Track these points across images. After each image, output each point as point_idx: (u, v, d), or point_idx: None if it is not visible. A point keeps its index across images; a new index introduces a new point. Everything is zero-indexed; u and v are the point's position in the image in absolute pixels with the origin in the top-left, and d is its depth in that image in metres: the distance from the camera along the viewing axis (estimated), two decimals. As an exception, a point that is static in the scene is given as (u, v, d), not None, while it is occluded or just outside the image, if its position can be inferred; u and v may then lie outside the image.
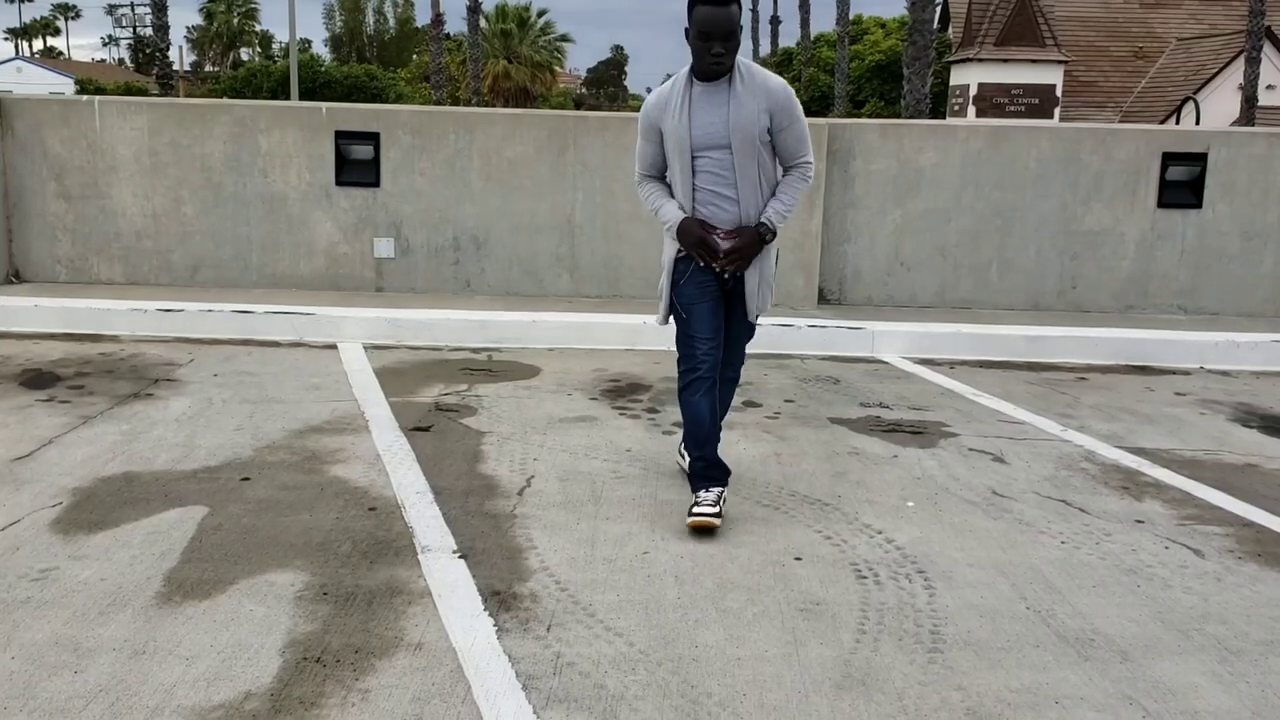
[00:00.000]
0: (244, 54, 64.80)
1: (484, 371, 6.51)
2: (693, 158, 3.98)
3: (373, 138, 7.65)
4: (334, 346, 6.95)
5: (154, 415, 5.40)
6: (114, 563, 3.70)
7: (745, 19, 4.09)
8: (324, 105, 7.73)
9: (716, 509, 4.10)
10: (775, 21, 55.04)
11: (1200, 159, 7.70)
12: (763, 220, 4.04)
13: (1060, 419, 5.84)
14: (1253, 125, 31.73)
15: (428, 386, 6.12)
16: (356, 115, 7.78)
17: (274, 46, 70.28)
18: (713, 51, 3.84)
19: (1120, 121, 39.21)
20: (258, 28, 67.78)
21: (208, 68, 63.53)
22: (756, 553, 3.96)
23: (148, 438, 5.05)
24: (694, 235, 4.01)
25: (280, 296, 7.56)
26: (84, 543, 3.86)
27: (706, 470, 4.19)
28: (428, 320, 7.14)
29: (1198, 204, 7.77)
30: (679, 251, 4.12)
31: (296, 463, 4.79)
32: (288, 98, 39.11)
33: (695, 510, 4.08)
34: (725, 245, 4.01)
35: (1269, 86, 35.85)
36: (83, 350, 6.67)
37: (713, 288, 4.12)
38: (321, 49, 64.11)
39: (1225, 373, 7.00)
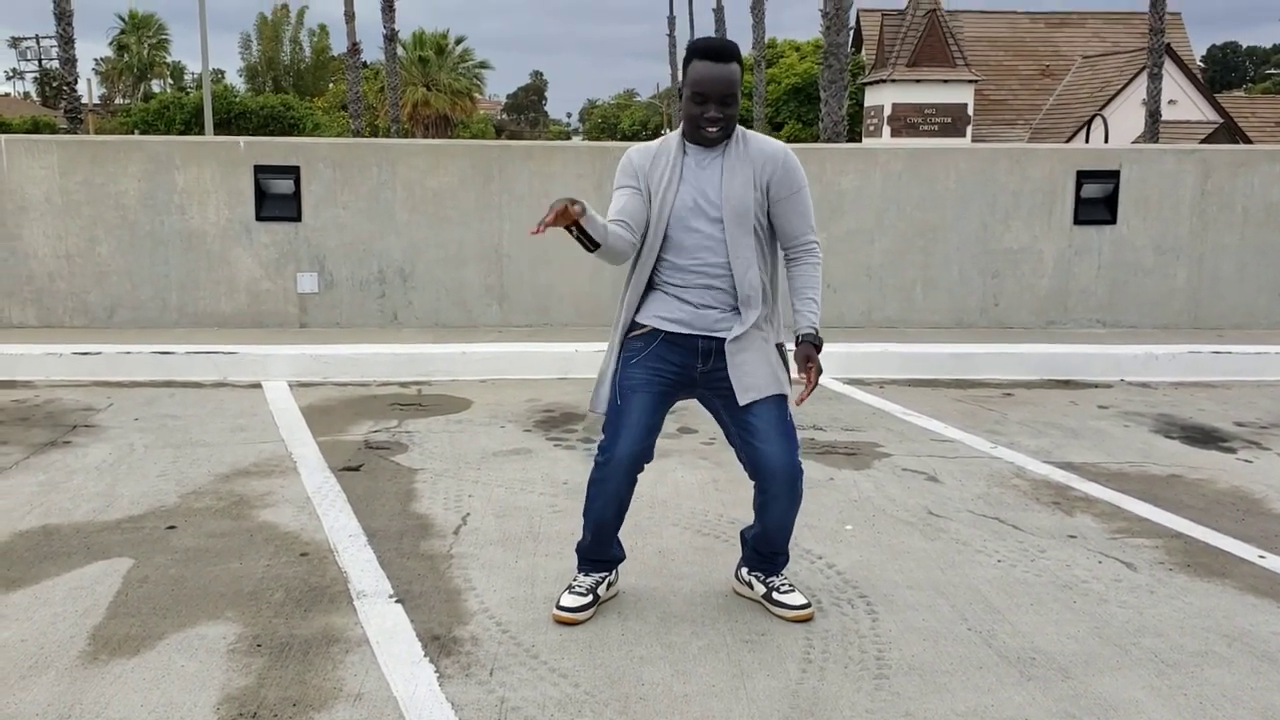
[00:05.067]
0: (155, 85, 63.64)
1: (414, 406, 6.42)
2: (668, 228, 3.47)
3: (293, 171, 7.54)
4: (259, 386, 6.81)
5: (73, 464, 5.24)
6: (34, 622, 3.56)
7: (662, 44, 3.67)
8: (242, 139, 7.60)
9: (589, 599, 3.63)
10: (692, 45, 55.41)
11: (1113, 176, 7.89)
12: (808, 330, 3.52)
13: (989, 436, 5.92)
14: (1157, 139, 32.66)
15: (356, 424, 6.02)
16: (276, 149, 7.65)
17: (186, 77, 69.10)
18: (707, 115, 3.38)
19: (1030, 138, 40.18)
20: (169, 59, 66.60)
21: (118, 100, 62.30)
22: (699, 584, 3.94)
23: (66, 488, 4.89)
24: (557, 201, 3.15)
25: (202, 336, 7.40)
26: (2, 602, 3.71)
27: (593, 555, 3.73)
28: (355, 356, 7.04)
29: (1112, 220, 7.95)
30: (633, 330, 3.59)
31: (224, 508, 4.67)
32: (201, 129, 38.48)
33: (562, 601, 3.64)
34: (803, 376, 3.46)
35: (1171, 101, 36.96)
36: (-5, 397, 6.45)
37: (665, 379, 3.55)
38: (236, 79, 63.25)
39: (1145, 384, 7.16)
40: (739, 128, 3.49)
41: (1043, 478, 5.21)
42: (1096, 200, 7.95)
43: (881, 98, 36.03)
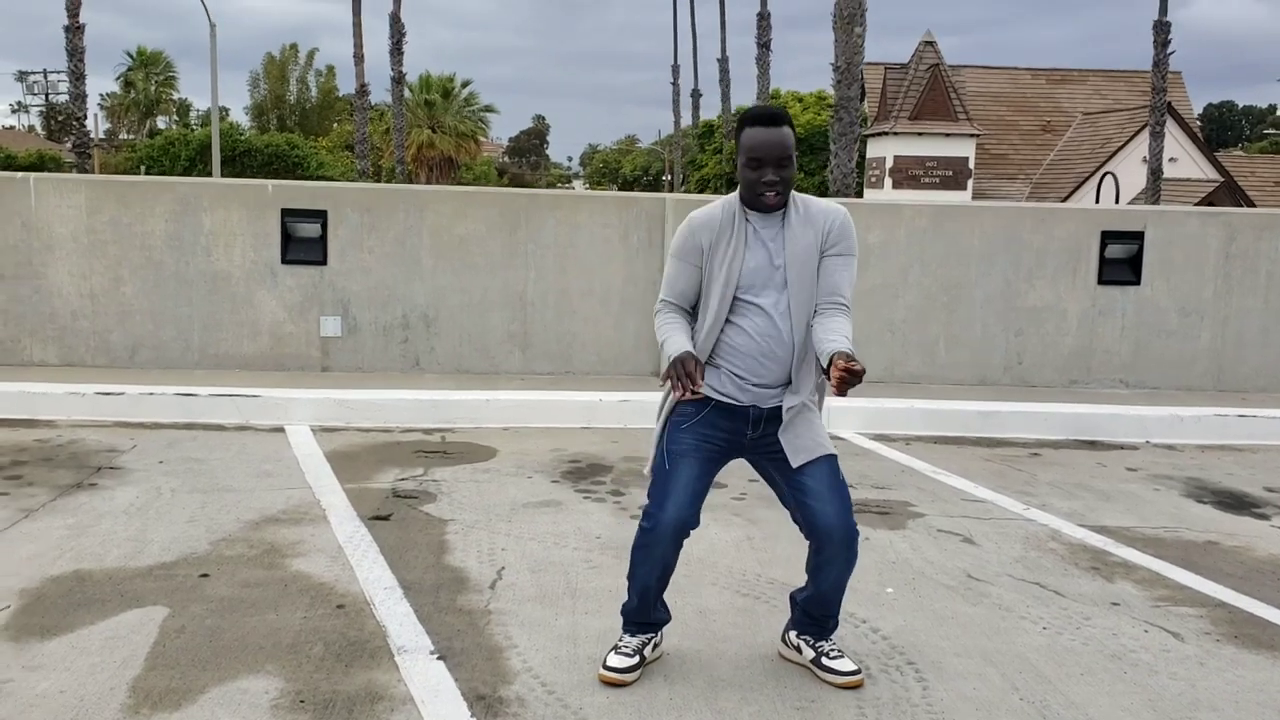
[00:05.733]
0: (161, 122, 64.06)
1: (439, 454, 6.38)
2: (735, 300, 3.44)
3: (320, 215, 7.54)
4: (281, 429, 6.76)
5: (100, 507, 5.18)
6: (73, 672, 3.50)
7: (665, 91, 3.64)
8: (270, 183, 7.60)
9: (635, 659, 3.59)
10: (696, 95, 55.96)
11: (1138, 237, 7.91)
12: (843, 351, 3.26)
13: (1021, 496, 5.88)
14: (1159, 197, 32.90)
15: (382, 471, 5.97)
16: (303, 192, 7.66)
17: (192, 114, 69.55)
18: (764, 180, 3.36)
19: (1031, 192, 40.48)
20: (176, 96, 67.14)
21: (123, 135, 62.64)
22: (744, 647, 3.89)
23: (96, 532, 4.83)
24: (683, 367, 3.27)
25: (223, 377, 7.36)
26: (38, 651, 3.65)
27: (638, 619, 3.67)
28: (378, 401, 7.00)
29: (1136, 281, 7.96)
30: (684, 393, 3.43)
31: (256, 557, 4.62)
32: (206, 166, 38.67)
33: (609, 662, 3.58)
34: (843, 372, 3.17)
35: (1172, 159, 37.25)
36: (16, 437, 6.40)
37: (715, 444, 3.52)
38: (241, 117, 63.59)
39: (1171, 446, 7.13)
40: (794, 193, 3.48)
41: (1079, 542, 5.17)
42: (1121, 260, 7.96)
43: (884, 150, 36.32)
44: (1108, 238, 7.90)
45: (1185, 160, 38.40)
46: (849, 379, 3.20)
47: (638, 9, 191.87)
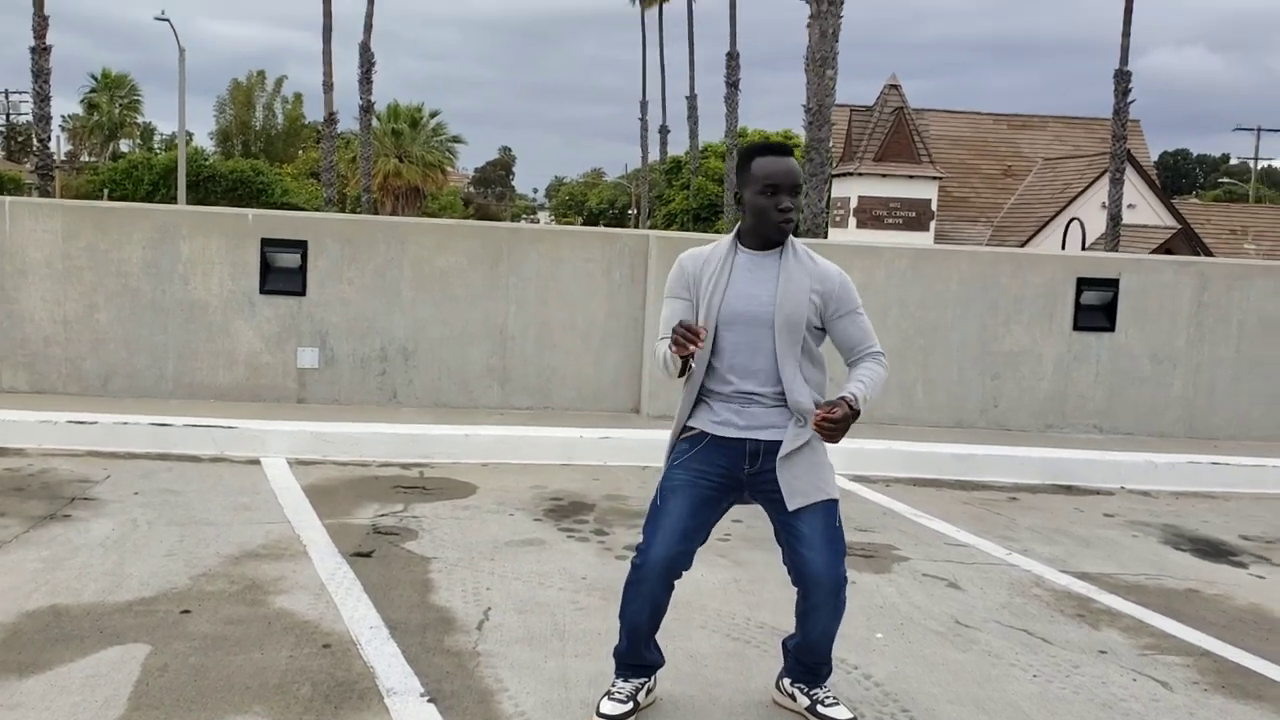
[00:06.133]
0: (124, 145, 63.46)
1: (418, 489, 6.31)
2: (716, 330, 3.47)
3: (300, 245, 7.48)
4: (257, 462, 6.67)
5: (75, 539, 5.08)
6: (54, 712, 3.41)
7: (632, 126, 3.66)
8: (250, 212, 7.54)
9: (629, 705, 3.55)
10: (664, 131, 56.38)
11: (1113, 284, 8.01)
12: (847, 394, 3.34)
13: (1002, 541, 5.90)
14: (1118, 243, 33.41)
15: (361, 506, 5.90)
16: (284, 222, 7.61)
17: (156, 139, 68.99)
18: (780, 206, 3.40)
19: (991, 235, 40.97)
20: (140, 119, 66.61)
21: (85, 157, 61.99)
22: (737, 693, 3.86)
23: (71, 565, 4.73)
24: (682, 325, 3.26)
25: (198, 407, 7.26)
26: (16, 689, 3.56)
27: (630, 661, 3.64)
28: (355, 434, 6.93)
29: (1111, 327, 8.05)
30: (684, 431, 3.56)
31: (237, 593, 4.54)
32: (170, 190, 38.34)
33: (602, 708, 3.55)
34: (820, 420, 3.27)
35: (1130, 206, 37.87)
36: (-14, 465, 6.27)
37: (710, 481, 3.49)
38: (206, 141, 63.13)
39: (1146, 492, 7.19)
40: (792, 240, 3.51)
41: (1063, 588, 5.19)
42: (1096, 307, 8.05)
43: (849, 190, 36.71)
44: (1083, 284, 8.00)
45: (1143, 207, 39.06)
46: (826, 427, 3.25)
47: (606, 44, 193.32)
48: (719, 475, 3.51)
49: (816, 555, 3.44)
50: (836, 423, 3.25)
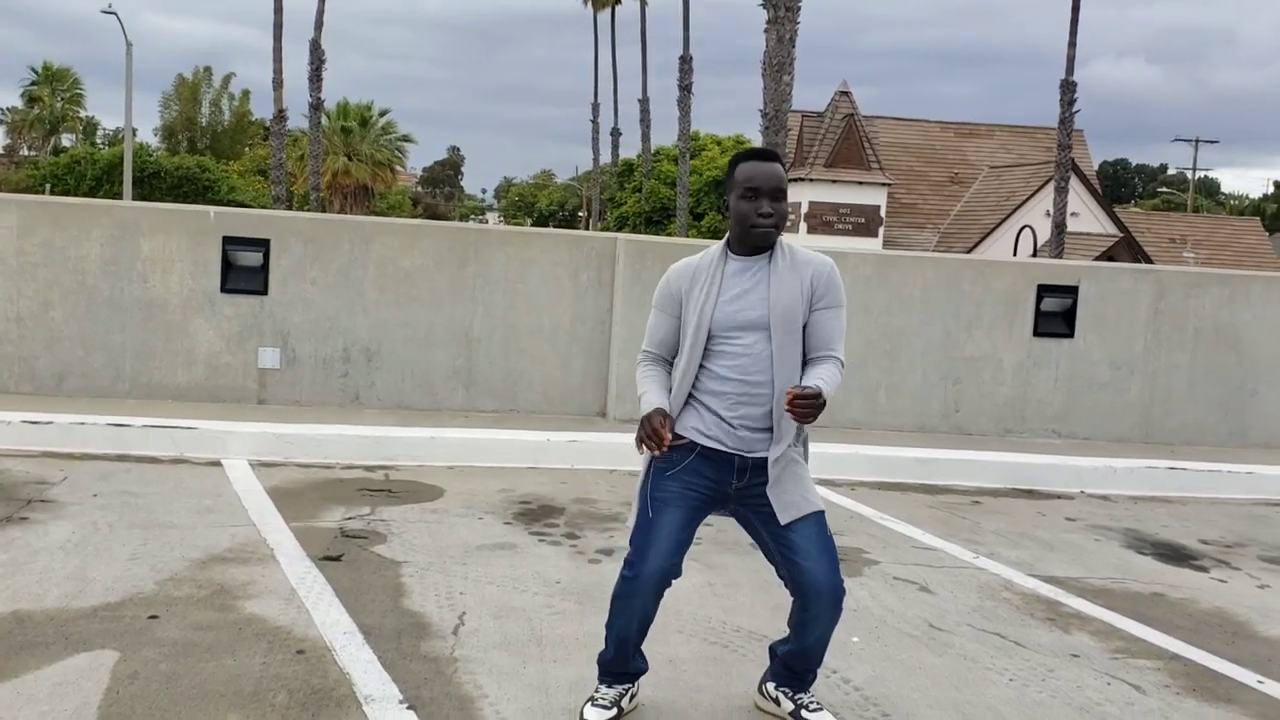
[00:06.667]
0: (66, 139, 62.26)
1: (384, 492, 6.24)
2: (709, 339, 3.42)
3: (263, 244, 7.36)
4: (218, 463, 6.55)
5: (34, 542, 4.95)
6: (23, 722, 3.32)
7: (583, 128, 3.62)
8: (212, 209, 7.42)
9: (612, 712, 3.54)
10: (616, 133, 56.31)
11: (1072, 291, 8.11)
12: (813, 384, 3.29)
13: (969, 545, 5.94)
14: (1063, 250, 33.89)
15: (328, 509, 5.81)
16: (247, 220, 7.49)
17: (99, 133, 67.74)
18: (760, 211, 3.35)
19: (938, 242, 41.44)
20: (83, 113, 65.40)
21: (25, 151, 60.70)
22: (718, 698, 3.84)
23: (32, 569, 4.62)
24: (649, 424, 3.32)
25: (156, 408, 7.12)
26: (-18, 698, 3.45)
27: (615, 669, 3.61)
28: (318, 436, 6.83)
29: (1070, 334, 8.15)
30: (676, 438, 3.46)
31: (206, 598, 4.45)
32: (114, 186, 37.66)
33: (586, 715, 3.53)
34: (793, 396, 3.21)
35: (1074, 214, 38.43)
36: (-63, 466, 6.10)
37: (699, 493, 3.46)
38: (151, 138, 62.04)
39: (1105, 497, 7.28)
40: (781, 239, 3.46)
41: (1031, 592, 5.23)
42: (1055, 314, 8.15)
43: (799, 195, 36.90)
44: (1044, 291, 8.09)
45: (1086, 215, 39.69)
46: (799, 404, 3.21)
47: (558, 46, 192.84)
48: (707, 488, 3.49)
49: (815, 565, 3.44)
50: (811, 400, 3.21)
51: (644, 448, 3.36)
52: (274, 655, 3.93)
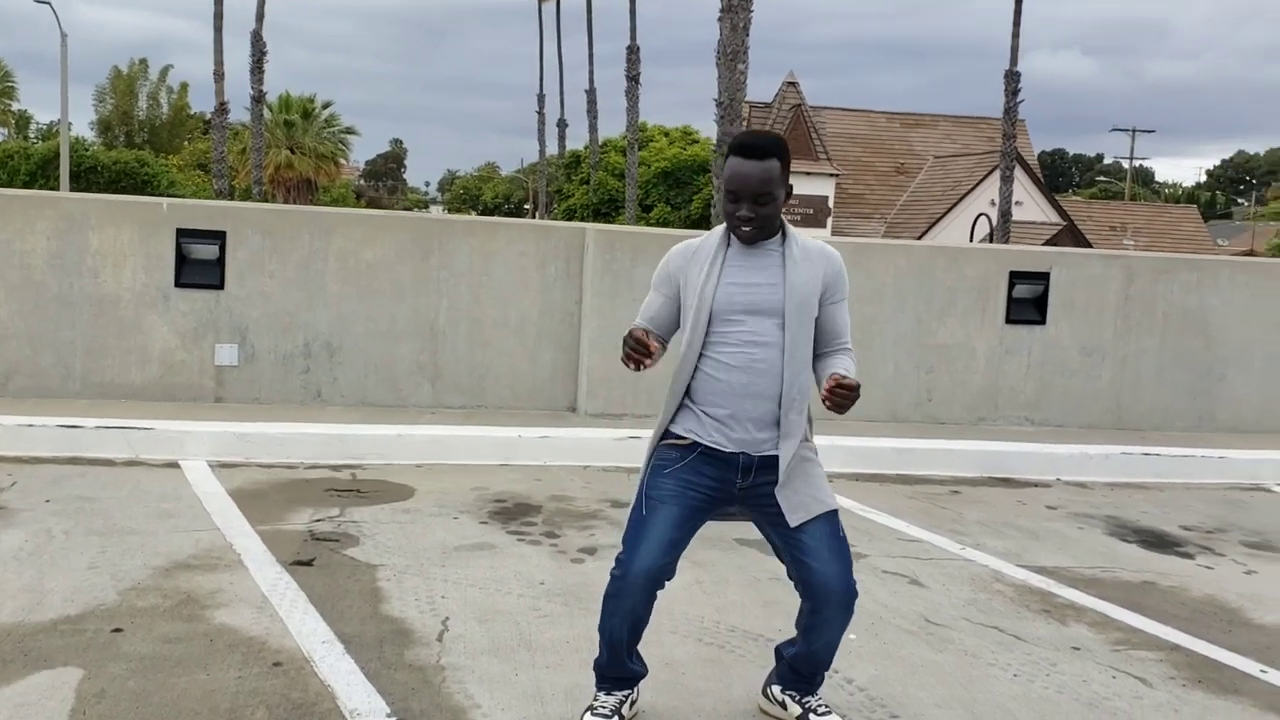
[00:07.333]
0: (-2, 133, 60.71)
1: (352, 492, 6.01)
2: (710, 322, 3.27)
3: (218, 236, 7.08)
4: (176, 465, 6.28)
5: (-15, 553, 4.68)
6: (-16, 748, 3.08)
7: (528, 120, 3.35)
8: (165, 200, 7.12)
9: None
10: (562, 124, 55.87)
11: (1044, 278, 8.05)
12: (845, 373, 3.25)
13: (954, 536, 5.85)
14: (1008, 239, 34.17)
15: (295, 511, 5.58)
16: (201, 212, 7.20)
17: (32, 128, 66.08)
18: (739, 214, 3.21)
19: (886, 232, 41.67)
20: (14, 106, 63.73)
21: (-48, 146, 59.04)
22: (720, 702, 3.69)
23: (-16, 581, 4.35)
24: (630, 335, 3.15)
25: (109, 408, 6.82)
26: (-62, 723, 3.21)
27: (612, 674, 3.44)
28: (280, 435, 6.58)
29: (1042, 320, 8.10)
30: (676, 438, 3.34)
31: (172, 608, 4.22)
32: (49, 181, 36.72)
33: None
34: (835, 385, 3.15)
35: (1018, 203, 38.77)
36: (-124, 472, 5.78)
37: (699, 493, 3.29)
38: (87, 131, 60.60)
39: (1081, 484, 7.23)
40: (790, 229, 3.32)
41: (1022, 582, 5.14)
42: (1027, 300, 8.09)
43: (748, 187, 36.81)
44: (1016, 278, 8.02)
45: (1029, 204, 40.09)
46: (840, 392, 3.12)
47: (502, 38, 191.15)
48: (709, 487, 3.32)
49: (826, 567, 3.29)
50: (850, 390, 3.14)
51: (631, 364, 3.17)
52: (249, 668, 3.72)
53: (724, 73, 16.90)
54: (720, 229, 3.40)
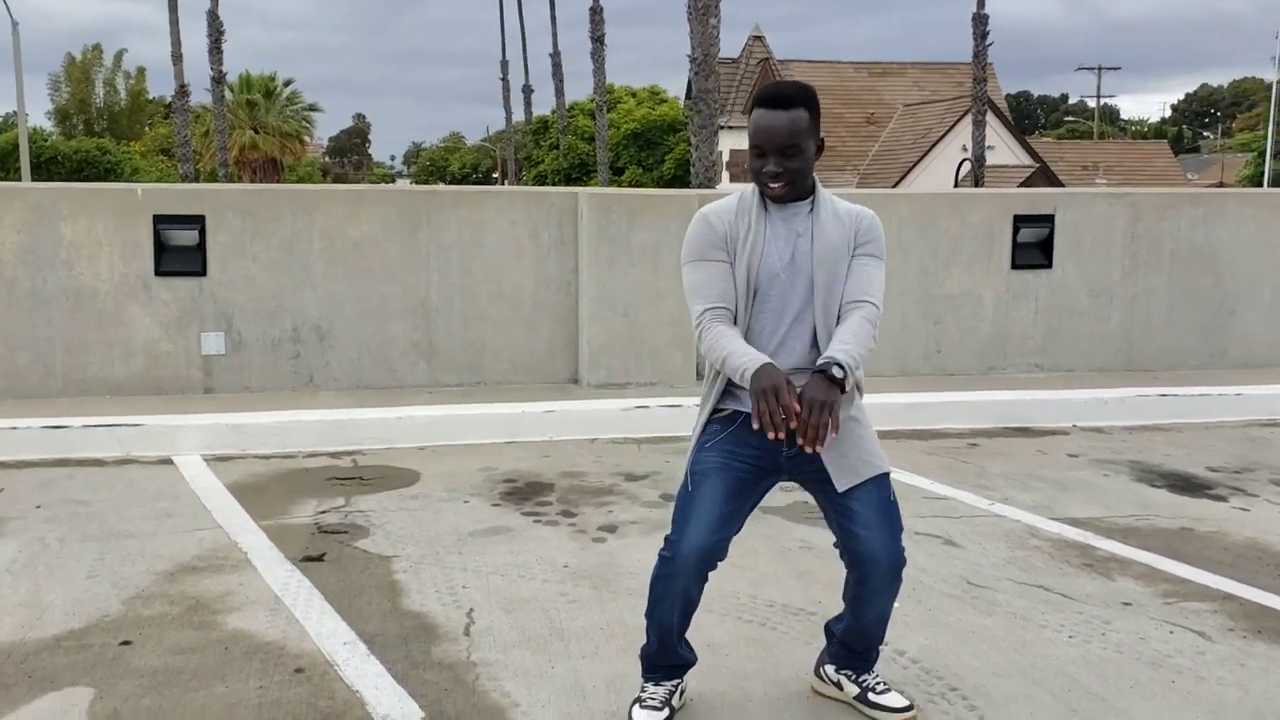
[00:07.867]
0: (-49, 127, 59.37)
1: (356, 480, 5.78)
2: (755, 296, 3.08)
3: (197, 220, 6.80)
4: (169, 461, 6.04)
5: (-23, 567, 4.43)
6: (-5, 785, 2.86)
7: (492, 88, 3.00)
8: (140, 186, 6.83)
9: (664, 713, 3.19)
10: (528, 90, 55.19)
11: (1048, 220, 7.86)
12: (825, 359, 2.95)
13: (980, 491, 5.68)
14: (982, 183, 34.02)
15: (298, 504, 5.35)
16: (177, 196, 6.90)
17: (-13, 119, 64.78)
18: (766, 170, 3.01)
19: (859, 183, 41.48)
20: (-34, 98, 62.38)
21: (-96, 140, 57.78)
22: (770, 684, 3.50)
23: (-22, 598, 4.11)
24: (770, 381, 2.88)
25: (94, 405, 6.56)
26: (-58, 758, 2.99)
27: (663, 663, 3.27)
28: (275, 424, 6.34)
29: (1048, 264, 7.92)
30: (716, 411, 3.19)
31: (181, 615, 3.99)
32: (8, 174, 36.03)
33: (635, 718, 3.20)
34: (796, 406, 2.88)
35: (990, 147, 38.57)
36: None
37: (745, 463, 3.12)
38: (44, 121, 59.48)
39: (1099, 429, 7.07)
40: (821, 189, 3.12)
41: (1058, 536, 4.97)
42: (1032, 244, 7.90)
43: (719, 143, 36.52)
44: (1020, 221, 7.83)
45: (1001, 148, 39.94)
46: (805, 421, 2.86)
47: (461, 6, 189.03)
48: (754, 457, 3.12)
49: (873, 534, 3.11)
50: (814, 410, 2.87)
51: (772, 432, 2.85)
52: (270, 676, 3.50)
53: (696, 27, 16.58)
54: (747, 189, 3.17)
